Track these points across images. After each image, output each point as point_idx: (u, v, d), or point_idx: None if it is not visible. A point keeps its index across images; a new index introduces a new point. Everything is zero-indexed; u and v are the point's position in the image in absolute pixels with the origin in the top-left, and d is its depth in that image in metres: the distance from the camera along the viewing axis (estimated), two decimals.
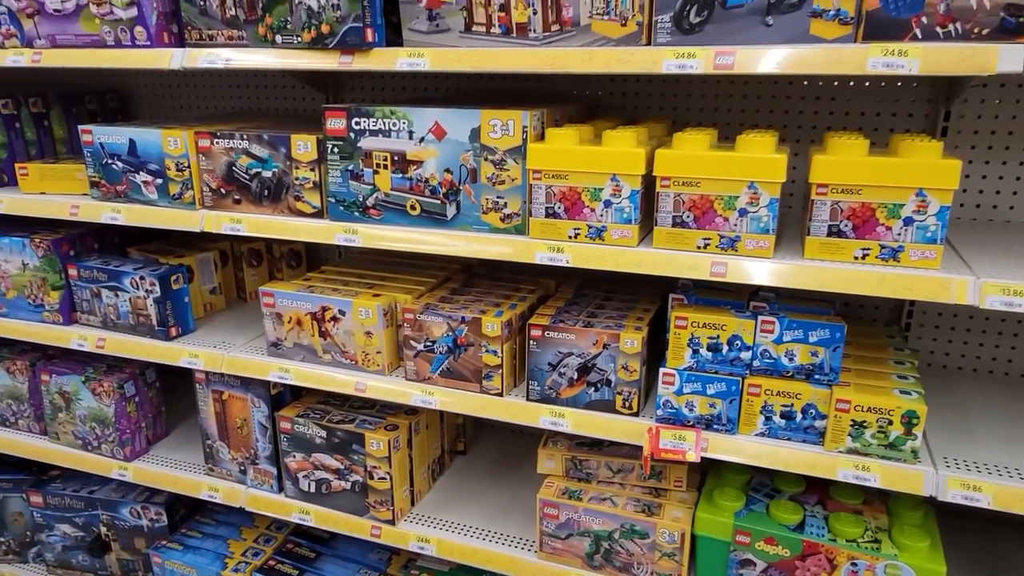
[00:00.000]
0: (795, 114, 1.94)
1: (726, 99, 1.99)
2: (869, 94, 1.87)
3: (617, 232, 1.57)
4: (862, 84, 1.87)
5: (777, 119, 1.96)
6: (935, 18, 1.30)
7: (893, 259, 1.43)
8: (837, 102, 1.90)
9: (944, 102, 1.80)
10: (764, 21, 1.41)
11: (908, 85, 1.84)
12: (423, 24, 1.62)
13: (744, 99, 1.97)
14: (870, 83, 1.86)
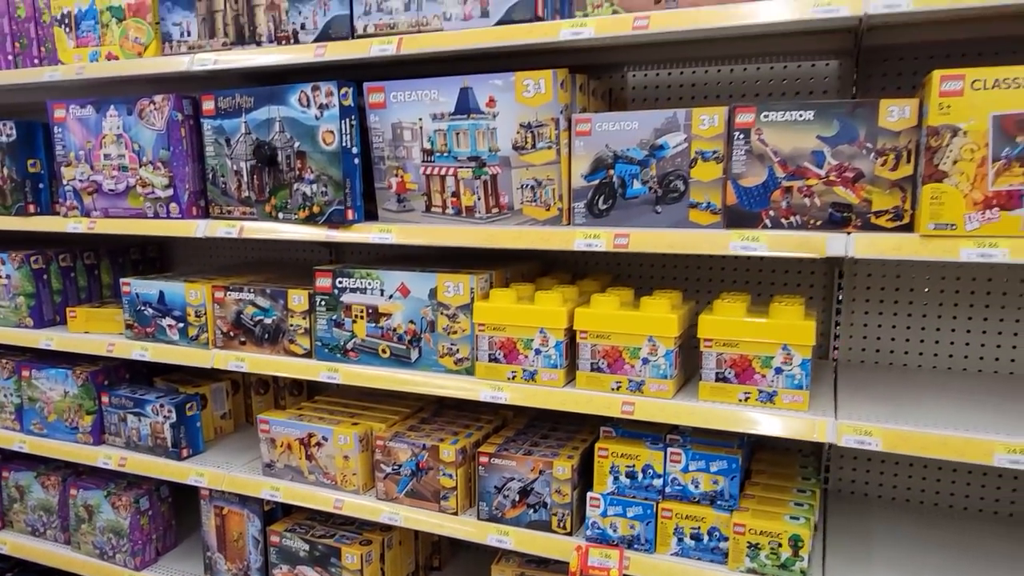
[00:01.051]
0: (717, 271, 2.27)
1: (658, 258, 2.33)
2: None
3: (546, 375, 1.88)
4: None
5: (704, 274, 2.29)
6: (779, 212, 1.64)
7: (770, 402, 1.70)
8: (752, 260, 2.23)
9: (837, 262, 2.12)
10: (654, 209, 1.77)
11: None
12: (393, 205, 2.02)
13: (675, 258, 2.31)
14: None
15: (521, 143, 1.83)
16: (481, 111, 1.85)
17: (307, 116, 1.99)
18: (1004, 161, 1.42)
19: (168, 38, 2.20)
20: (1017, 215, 1.43)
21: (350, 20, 1.94)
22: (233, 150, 2.14)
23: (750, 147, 1.64)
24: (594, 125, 1.79)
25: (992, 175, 1.44)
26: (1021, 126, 1.41)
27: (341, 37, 1.96)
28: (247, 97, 2.08)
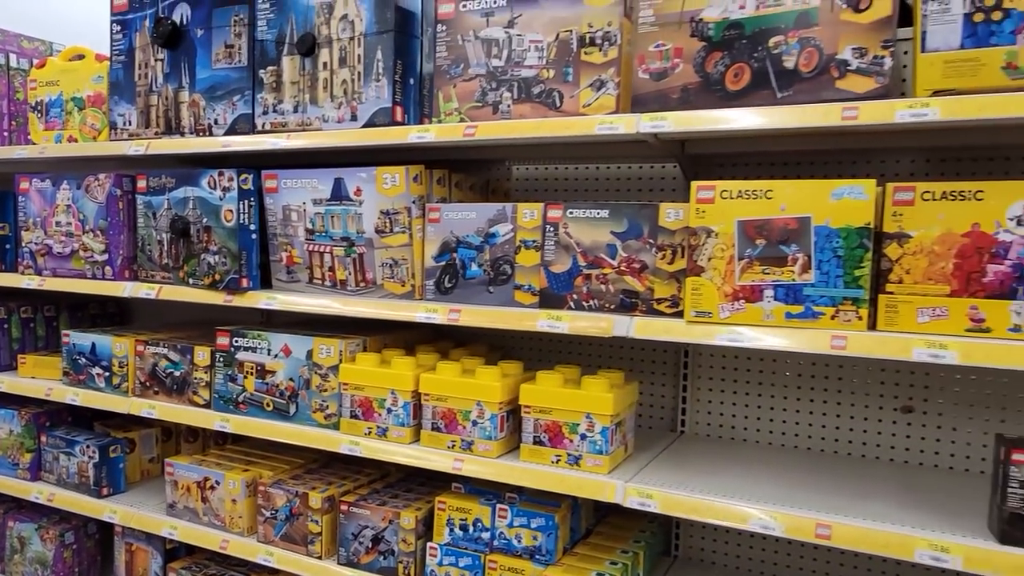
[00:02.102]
0: (596, 347, 2.49)
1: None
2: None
3: (395, 432, 2.10)
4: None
5: (584, 349, 2.51)
6: (581, 295, 1.88)
7: (576, 464, 1.90)
8: (618, 337, 2.44)
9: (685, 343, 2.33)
10: (488, 289, 2.02)
11: None
12: (284, 276, 2.31)
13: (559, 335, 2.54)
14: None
15: (382, 227, 2.11)
16: (351, 199, 2.14)
17: (213, 197, 2.31)
18: (747, 260, 1.65)
19: (114, 126, 2.57)
20: (759, 307, 1.65)
21: (252, 118, 2.28)
22: (157, 223, 2.47)
23: (558, 238, 1.90)
24: (442, 213, 2.07)
25: (738, 271, 1.66)
26: (760, 230, 1.64)
27: (244, 132, 2.29)
28: (170, 178, 2.42)
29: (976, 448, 2.01)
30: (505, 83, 1.97)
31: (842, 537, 1.59)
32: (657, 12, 1.73)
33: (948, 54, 1.48)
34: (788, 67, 1.61)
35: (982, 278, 1.52)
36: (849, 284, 1.58)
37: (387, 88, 2.04)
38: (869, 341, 1.55)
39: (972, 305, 1.53)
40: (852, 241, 1.57)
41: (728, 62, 1.66)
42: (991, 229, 1.51)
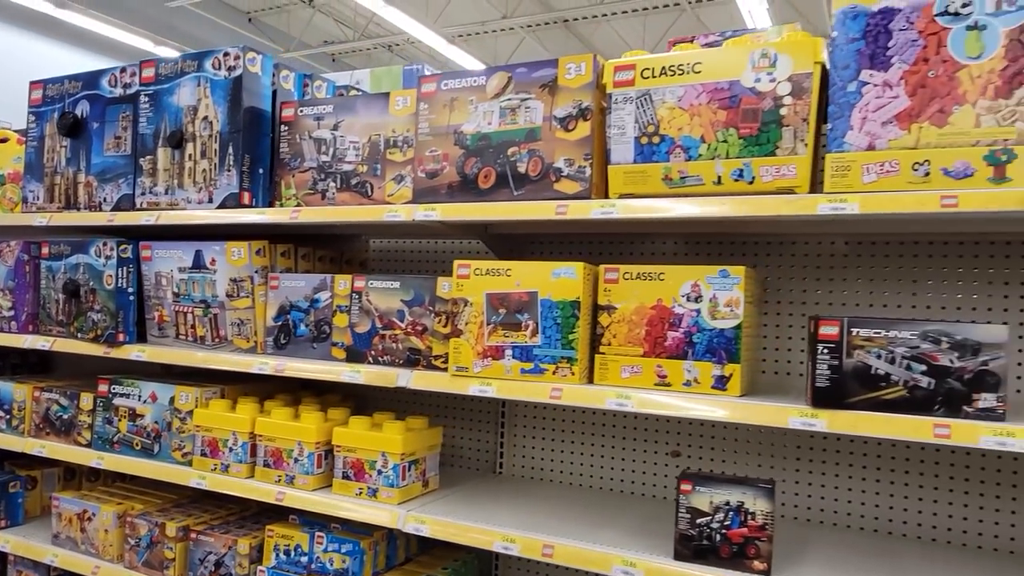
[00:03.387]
0: (437, 397, 2.85)
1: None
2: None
3: (235, 468, 2.44)
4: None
5: (431, 400, 2.86)
6: (378, 352, 2.25)
7: (374, 496, 2.24)
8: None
9: None
10: (312, 345, 2.39)
11: None
12: (156, 332, 2.68)
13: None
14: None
15: (230, 292, 2.49)
16: (207, 268, 2.53)
17: (98, 263, 2.70)
18: (492, 325, 2.03)
19: (26, 200, 2.98)
20: (502, 363, 2.02)
21: (132, 198, 2.68)
22: (55, 284, 2.85)
23: (361, 304, 2.28)
24: (280, 282, 2.45)
25: (486, 334, 2.04)
26: (501, 301, 2.02)
27: (126, 209, 2.69)
28: (66, 246, 2.81)
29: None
30: (331, 175, 2.39)
31: (560, 555, 1.93)
32: (431, 124, 2.15)
33: (626, 166, 1.89)
34: (521, 171, 2.02)
35: (664, 342, 1.89)
36: (565, 346, 1.95)
37: (236, 177, 2.45)
38: (577, 392, 1.92)
39: (658, 364, 1.90)
40: (567, 312, 1.95)
41: (480, 166, 2.07)
42: (670, 303, 1.89)
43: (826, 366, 1.66)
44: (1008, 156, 1.53)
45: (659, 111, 1.84)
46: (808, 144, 1.70)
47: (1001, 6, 1.54)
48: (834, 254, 2.24)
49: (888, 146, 1.62)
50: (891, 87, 1.61)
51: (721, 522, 1.79)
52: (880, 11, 1.63)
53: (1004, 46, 1.53)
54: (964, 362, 1.58)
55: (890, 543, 2.07)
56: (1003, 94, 1.53)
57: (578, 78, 1.95)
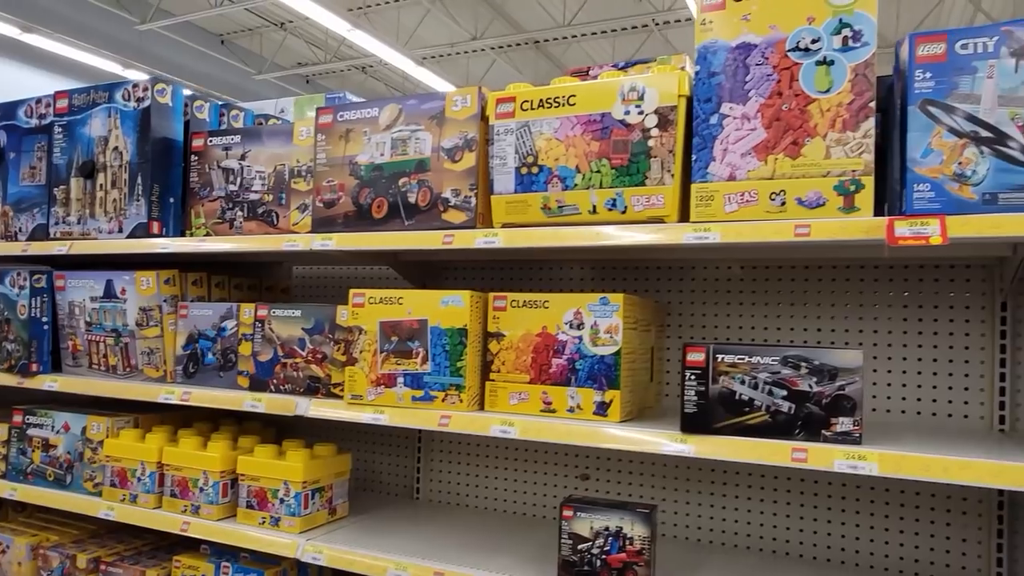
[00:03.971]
0: (356, 426, 2.85)
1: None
2: None
3: (143, 499, 2.43)
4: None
5: (344, 428, 2.86)
6: (280, 380, 2.26)
7: (276, 525, 2.23)
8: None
9: None
10: (219, 374, 2.39)
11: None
12: (71, 361, 2.67)
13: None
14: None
15: (140, 321, 2.50)
16: (118, 297, 2.53)
17: (12, 293, 2.70)
18: (385, 353, 2.05)
19: None
20: (394, 391, 2.03)
21: (47, 227, 2.69)
22: None
23: (264, 333, 2.29)
24: (189, 311, 2.46)
25: (379, 362, 2.05)
26: (394, 329, 2.04)
27: (41, 239, 2.69)
28: None
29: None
30: (238, 204, 2.40)
31: None
32: (328, 155, 2.18)
33: (508, 196, 1.92)
34: (412, 201, 2.05)
35: (549, 369, 1.92)
36: (454, 373, 1.97)
37: (144, 206, 2.46)
38: (464, 420, 1.93)
39: (544, 391, 1.92)
40: (455, 339, 1.97)
41: (373, 196, 2.10)
42: (554, 331, 1.92)
43: (693, 392, 1.69)
44: (856, 186, 1.57)
45: (537, 142, 1.88)
46: (675, 175, 1.74)
47: (848, 42, 1.59)
48: (731, 279, 2.28)
49: (747, 177, 1.66)
50: (749, 120, 1.66)
51: (601, 547, 1.81)
52: (738, 46, 1.68)
53: (850, 80, 1.59)
54: (822, 387, 1.61)
55: (777, 563, 2.09)
56: (850, 127, 1.58)
57: (464, 110, 1.99)
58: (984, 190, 1.48)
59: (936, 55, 1.52)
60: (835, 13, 1.60)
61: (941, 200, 1.51)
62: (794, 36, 1.63)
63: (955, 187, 1.50)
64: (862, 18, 1.58)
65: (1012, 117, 1.46)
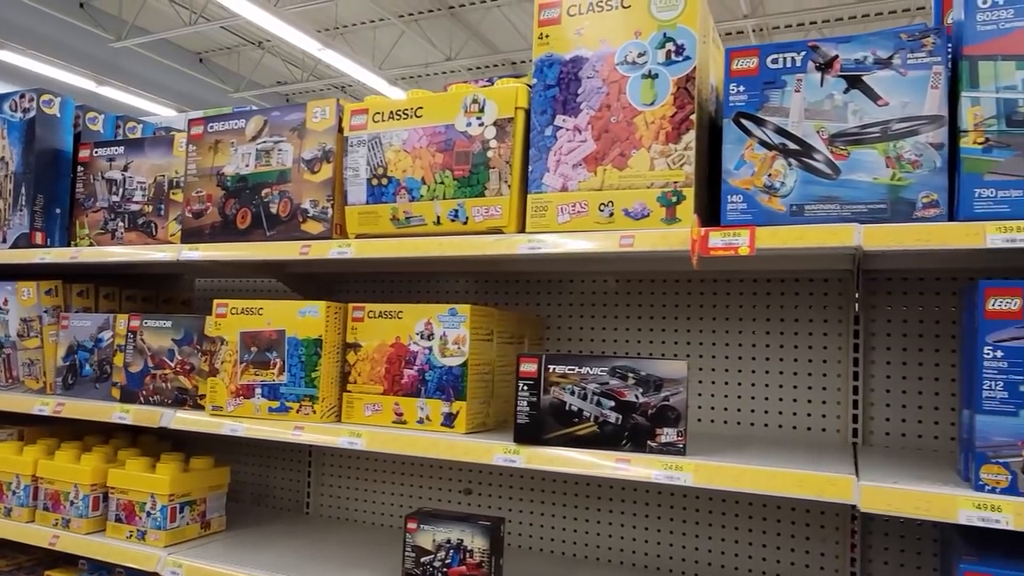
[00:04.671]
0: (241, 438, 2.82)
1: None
2: None
3: (16, 512, 2.39)
4: None
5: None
6: (149, 392, 2.24)
7: (143, 539, 2.20)
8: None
9: None
10: (95, 385, 2.37)
11: None
12: None
13: None
14: None
15: (21, 332, 2.48)
16: (1, 308, 2.52)
17: None
18: (244, 364, 2.04)
19: None
20: (251, 402, 2.02)
21: None
22: None
23: (136, 344, 2.28)
24: (70, 322, 2.44)
25: (239, 373, 2.04)
26: (253, 340, 2.03)
27: None
28: None
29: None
30: (120, 215, 2.40)
31: None
32: (198, 166, 2.18)
33: (360, 207, 1.92)
34: (273, 212, 2.05)
35: (401, 380, 1.91)
36: (308, 384, 1.96)
37: (27, 216, 2.45)
38: (316, 431, 1.92)
39: (396, 402, 1.91)
40: (310, 350, 1.96)
41: (238, 206, 2.10)
42: (406, 341, 1.91)
43: (526, 403, 1.68)
44: (678, 198, 1.59)
45: (387, 153, 1.89)
46: (512, 186, 1.75)
47: (671, 56, 1.61)
48: (607, 292, 2.28)
49: (578, 188, 1.67)
50: (580, 131, 1.68)
51: (443, 560, 1.80)
52: (571, 59, 1.70)
53: (673, 94, 1.60)
54: (648, 397, 1.61)
55: (618, 573, 2.08)
56: (673, 139, 1.60)
57: (323, 122, 2.00)
58: (792, 202, 1.50)
59: (749, 69, 1.54)
60: (659, 27, 1.62)
61: (753, 211, 1.52)
62: (622, 50, 1.65)
63: (765, 198, 1.51)
64: (685, 33, 1.61)
65: (818, 130, 1.48)
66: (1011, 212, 1.33)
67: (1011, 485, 1.30)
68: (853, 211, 1.45)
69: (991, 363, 1.32)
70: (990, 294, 1.32)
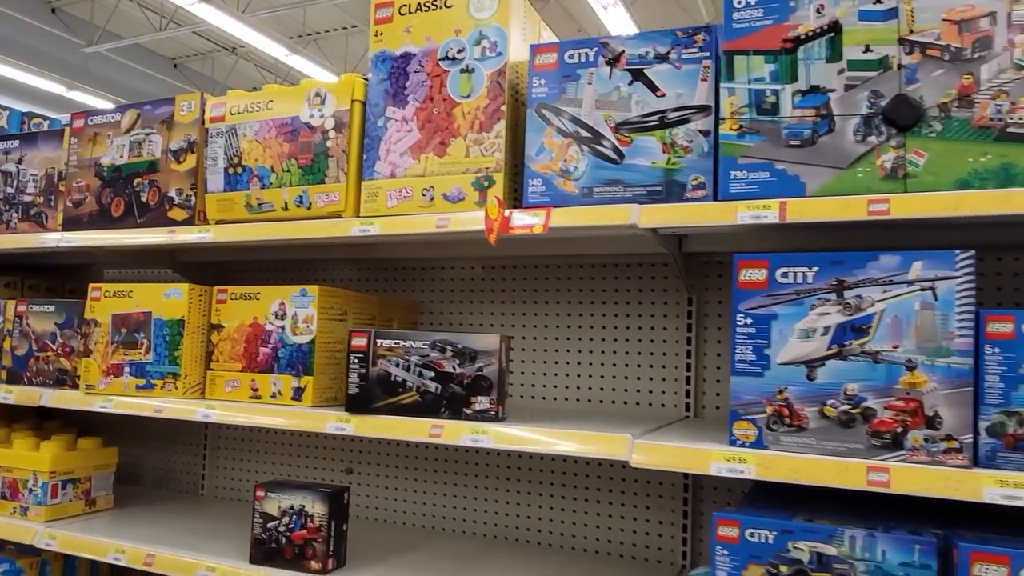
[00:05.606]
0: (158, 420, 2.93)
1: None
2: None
3: None
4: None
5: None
6: (32, 373, 2.34)
7: (24, 514, 2.30)
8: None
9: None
10: None
11: None
12: None
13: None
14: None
15: None
16: None
17: None
18: (115, 344, 2.14)
19: None
20: (120, 380, 2.13)
21: None
22: None
23: (22, 328, 2.38)
24: None
25: (110, 353, 2.15)
26: (124, 321, 2.14)
27: None
28: None
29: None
30: (15, 206, 2.51)
31: (159, 563, 2.01)
32: (79, 157, 2.29)
33: (218, 195, 2.04)
34: (144, 200, 2.16)
35: (257, 358, 2.02)
36: (171, 362, 2.07)
37: None
38: (176, 407, 2.03)
39: (252, 378, 2.03)
40: (174, 330, 2.08)
41: (113, 195, 2.21)
42: (263, 321, 2.03)
43: (356, 375, 1.80)
44: (489, 182, 1.71)
45: (241, 144, 2.01)
46: (348, 173, 1.87)
47: (485, 52, 1.74)
48: (474, 278, 2.41)
49: (404, 174, 1.80)
50: (407, 122, 1.80)
51: (287, 525, 1.91)
52: (401, 55, 1.83)
53: (487, 87, 1.73)
54: (464, 368, 1.73)
55: (489, 547, 2.19)
56: (485, 128, 1.72)
57: (189, 114, 2.12)
58: (583, 184, 1.63)
59: (549, 64, 1.67)
60: (476, 25, 1.76)
61: (551, 194, 1.65)
62: (444, 46, 1.78)
63: (561, 182, 1.64)
64: (498, 31, 1.74)
65: (606, 119, 1.61)
66: (760, 192, 1.46)
67: (758, 439, 1.43)
68: (635, 193, 1.58)
69: (742, 329, 1.45)
70: (742, 266, 1.45)
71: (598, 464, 2.18)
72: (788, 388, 1.41)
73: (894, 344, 1.34)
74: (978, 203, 1.30)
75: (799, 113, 1.44)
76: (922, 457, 1.31)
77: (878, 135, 1.39)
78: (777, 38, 1.46)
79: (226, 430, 2.77)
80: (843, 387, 1.38)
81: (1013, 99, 1.30)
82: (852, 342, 1.37)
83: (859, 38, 1.40)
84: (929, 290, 1.32)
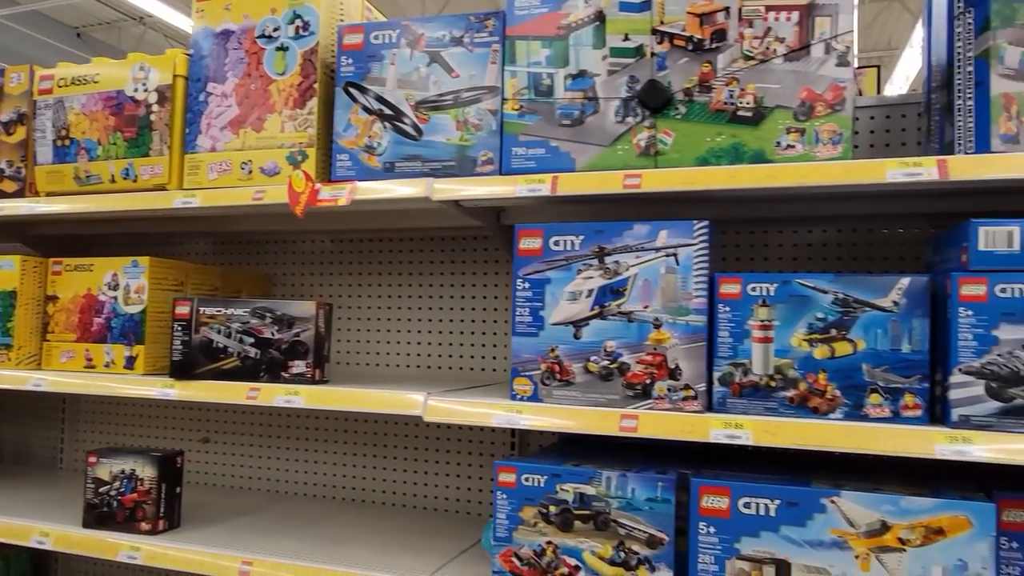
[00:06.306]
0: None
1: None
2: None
3: None
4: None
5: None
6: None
7: None
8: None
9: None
10: None
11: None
12: None
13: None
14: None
15: None
16: None
17: None
18: None
19: None
20: None
21: None
22: None
23: None
24: None
25: None
26: None
27: None
28: None
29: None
30: None
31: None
32: None
33: (48, 167, 2.06)
34: None
35: (91, 328, 2.06)
36: (4, 334, 2.09)
37: None
38: (7, 377, 2.05)
39: (87, 348, 2.07)
40: (6, 302, 2.09)
41: None
42: (96, 292, 2.06)
43: (180, 342, 1.87)
44: (303, 157, 1.80)
45: (69, 116, 2.03)
46: (172, 147, 1.92)
47: (299, 31, 1.81)
48: (323, 251, 2.49)
49: (224, 148, 1.86)
50: (227, 97, 1.86)
51: (118, 489, 1.97)
52: (221, 32, 1.88)
53: (300, 65, 1.81)
54: (281, 334, 1.82)
55: (317, 505, 2.30)
56: (299, 105, 1.80)
57: (19, 86, 2.12)
58: (386, 160, 1.73)
59: (356, 44, 1.76)
60: (291, 5, 1.83)
61: (356, 168, 1.75)
62: (261, 24, 1.85)
63: (366, 157, 1.74)
64: (310, 11, 1.81)
65: (407, 97, 1.72)
66: (536, 167, 1.59)
67: (534, 393, 1.58)
68: (431, 167, 1.70)
69: (521, 293, 1.58)
70: (522, 235, 1.59)
71: (437, 427, 2.31)
72: (559, 347, 1.55)
73: (644, 304, 1.50)
74: (712, 178, 1.46)
75: (569, 95, 1.57)
76: (665, 405, 1.48)
77: (635, 116, 1.53)
78: (552, 25, 1.59)
79: (84, 403, 2.78)
80: (603, 344, 1.53)
81: (742, 86, 1.46)
82: (611, 303, 1.52)
83: (620, 27, 1.54)
84: (672, 256, 1.48)
